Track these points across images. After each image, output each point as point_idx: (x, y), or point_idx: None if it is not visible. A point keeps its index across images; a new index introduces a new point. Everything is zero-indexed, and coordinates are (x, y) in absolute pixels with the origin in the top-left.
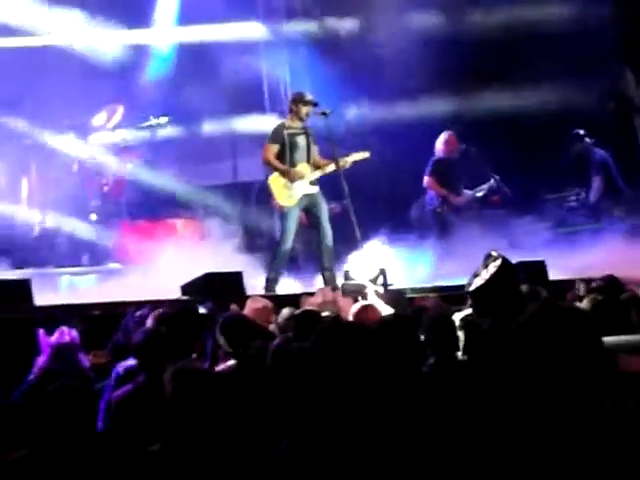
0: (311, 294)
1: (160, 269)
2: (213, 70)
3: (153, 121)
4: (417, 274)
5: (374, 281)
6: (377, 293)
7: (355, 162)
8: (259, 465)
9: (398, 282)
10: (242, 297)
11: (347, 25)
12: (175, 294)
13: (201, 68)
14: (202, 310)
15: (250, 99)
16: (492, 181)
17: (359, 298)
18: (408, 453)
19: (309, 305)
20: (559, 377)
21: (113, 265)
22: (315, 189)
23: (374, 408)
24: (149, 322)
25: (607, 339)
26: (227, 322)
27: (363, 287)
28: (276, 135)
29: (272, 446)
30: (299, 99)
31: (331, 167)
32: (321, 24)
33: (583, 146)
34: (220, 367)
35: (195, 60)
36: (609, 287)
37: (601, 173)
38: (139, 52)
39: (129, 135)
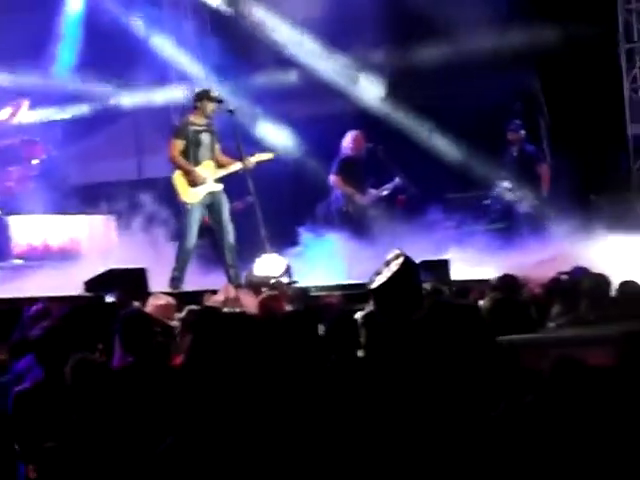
0: (214, 292)
1: (66, 265)
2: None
3: (58, 115)
4: (322, 272)
5: (279, 278)
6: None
7: (260, 162)
8: (148, 459)
9: (303, 279)
10: (145, 293)
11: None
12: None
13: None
14: (110, 299)
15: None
16: (398, 180)
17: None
18: (303, 446)
19: (212, 302)
20: (451, 371)
21: (16, 261)
22: (219, 187)
23: (268, 403)
24: (49, 317)
25: (509, 337)
26: (126, 318)
27: (269, 279)
28: (181, 131)
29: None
30: (204, 95)
31: (236, 166)
32: None
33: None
34: (119, 363)
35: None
36: (507, 286)
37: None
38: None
39: (34, 129)
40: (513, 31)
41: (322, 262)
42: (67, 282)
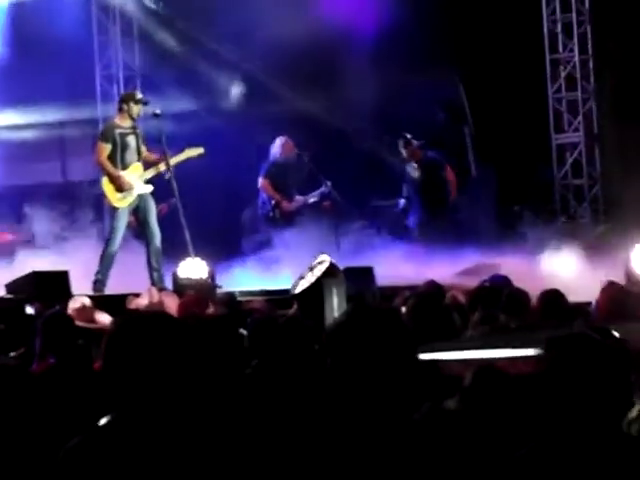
0: (137, 295)
1: None
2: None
3: None
4: (246, 277)
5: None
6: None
7: (189, 158)
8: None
9: (227, 284)
10: (67, 296)
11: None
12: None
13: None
14: (29, 310)
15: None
16: (324, 187)
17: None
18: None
19: (135, 306)
20: (372, 378)
21: None
22: (149, 188)
23: (186, 406)
24: None
25: (431, 344)
26: (48, 319)
27: (195, 283)
28: (107, 134)
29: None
30: (130, 98)
31: (163, 166)
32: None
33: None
34: (39, 365)
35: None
36: (431, 292)
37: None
38: None
39: None
40: (437, 41)
41: (245, 267)
42: None
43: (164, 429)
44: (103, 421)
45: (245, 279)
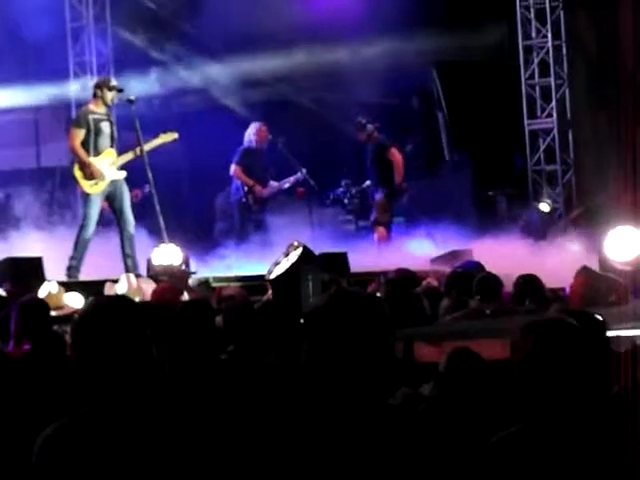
0: (115, 281)
1: None
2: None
3: None
4: (220, 263)
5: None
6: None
7: (163, 143)
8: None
9: (201, 270)
10: (41, 282)
11: None
12: None
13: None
14: (1, 292)
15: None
16: (299, 174)
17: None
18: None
19: (113, 292)
20: (350, 363)
21: None
22: (122, 174)
23: (166, 393)
24: None
25: (405, 330)
26: (24, 305)
27: (170, 269)
28: (81, 120)
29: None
30: (104, 84)
31: (136, 152)
32: None
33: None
34: (13, 350)
35: None
36: (404, 279)
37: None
38: None
39: None
40: (411, 28)
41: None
42: None
43: (139, 416)
44: (79, 409)
45: (218, 265)
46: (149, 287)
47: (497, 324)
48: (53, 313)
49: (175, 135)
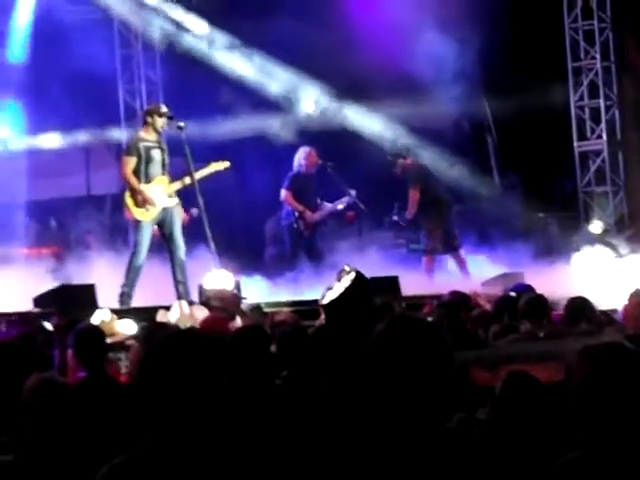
0: (167, 308)
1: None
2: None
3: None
4: (272, 288)
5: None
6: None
7: (215, 172)
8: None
9: (252, 295)
10: (94, 309)
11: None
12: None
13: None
14: (48, 326)
15: (105, 111)
16: (348, 197)
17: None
18: (258, 465)
19: (165, 319)
20: (411, 389)
21: None
22: (174, 201)
23: (225, 421)
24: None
25: (460, 353)
26: (81, 333)
27: (224, 294)
28: (132, 148)
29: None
30: (154, 111)
31: (188, 179)
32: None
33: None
34: (71, 379)
35: (48, 70)
36: (458, 302)
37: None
38: None
39: None
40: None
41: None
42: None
43: (203, 445)
44: (137, 436)
45: (270, 290)
46: (201, 314)
47: (551, 347)
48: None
49: (226, 164)
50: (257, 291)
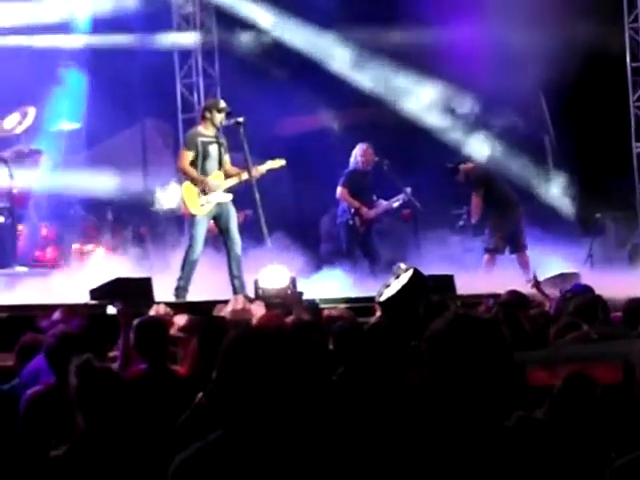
0: (224, 302)
1: (69, 273)
2: (126, 76)
3: (64, 125)
4: (327, 284)
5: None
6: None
7: (270, 170)
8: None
9: (308, 292)
10: (151, 302)
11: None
12: (84, 298)
13: (114, 74)
14: (111, 310)
15: (163, 106)
16: (404, 194)
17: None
18: (318, 460)
19: (222, 313)
20: (471, 387)
21: (20, 268)
22: (229, 197)
23: (288, 416)
24: (60, 325)
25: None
26: (143, 324)
27: (285, 291)
28: (191, 142)
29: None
30: (213, 106)
31: (245, 175)
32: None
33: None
34: (131, 369)
35: (108, 65)
36: (515, 302)
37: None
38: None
39: (39, 138)
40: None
41: (325, 274)
42: (70, 289)
43: (273, 441)
44: (215, 432)
45: (325, 287)
46: (259, 310)
47: (610, 348)
48: None
49: (282, 162)
50: (312, 287)
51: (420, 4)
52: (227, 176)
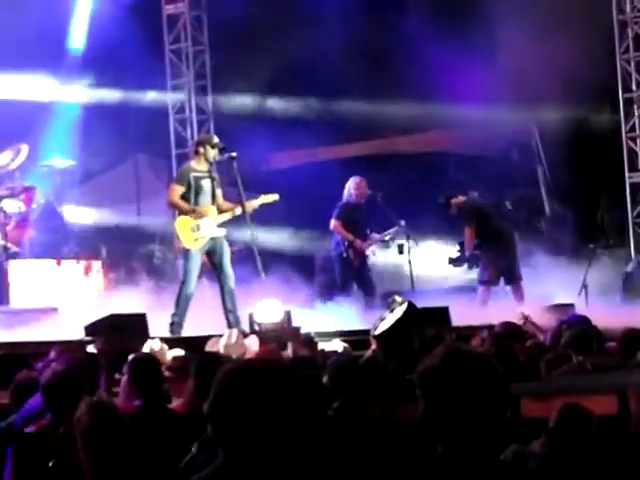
0: (218, 337)
1: (62, 311)
2: (119, 113)
3: (57, 162)
4: (322, 317)
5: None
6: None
7: (263, 205)
8: None
9: (303, 326)
10: (145, 338)
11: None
12: (78, 335)
13: (108, 110)
14: (91, 349)
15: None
16: (397, 227)
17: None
18: None
19: (215, 347)
20: (466, 421)
21: (15, 306)
22: (223, 232)
23: (282, 451)
24: (56, 362)
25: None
26: (138, 361)
27: (277, 325)
28: (182, 177)
29: None
30: (207, 142)
31: (238, 210)
32: None
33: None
34: (125, 406)
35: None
36: (510, 333)
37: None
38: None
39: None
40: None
41: (320, 307)
42: (64, 327)
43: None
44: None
45: (320, 320)
46: (253, 344)
47: (604, 379)
48: None
49: (276, 196)
50: (307, 321)
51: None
52: (220, 211)
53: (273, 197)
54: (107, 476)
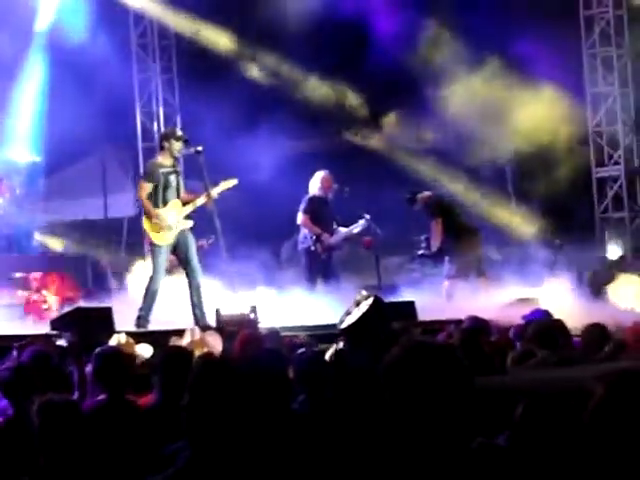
0: (180, 332)
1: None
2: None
3: (24, 156)
4: (288, 312)
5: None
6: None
7: (225, 190)
8: None
9: (269, 320)
10: (111, 332)
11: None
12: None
13: (74, 98)
14: (61, 342)
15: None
16: (364, 221)
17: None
18: None
19: (177, 344)
20: (430, 413)
21: None
22: (189, 223)
23: (244, 445)
24: (14, 357)
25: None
26: (104, 355)
27: (240, 318)
28: (151, 173)
29: None
30: (171, 135)
31: (201, 200)
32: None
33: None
34: (89, 401)
35: (68, 90)
36: (477, 328)
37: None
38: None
39: None
40: None
41: (286, 302)
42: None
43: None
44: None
45: (286, 314)
46: (214, 340)
47: (568, 374)
48: None
49: (235, 181)
50: (273, 314)
51: None
52: (184, 203)
53: (232, 182)
54: (62, 472)
